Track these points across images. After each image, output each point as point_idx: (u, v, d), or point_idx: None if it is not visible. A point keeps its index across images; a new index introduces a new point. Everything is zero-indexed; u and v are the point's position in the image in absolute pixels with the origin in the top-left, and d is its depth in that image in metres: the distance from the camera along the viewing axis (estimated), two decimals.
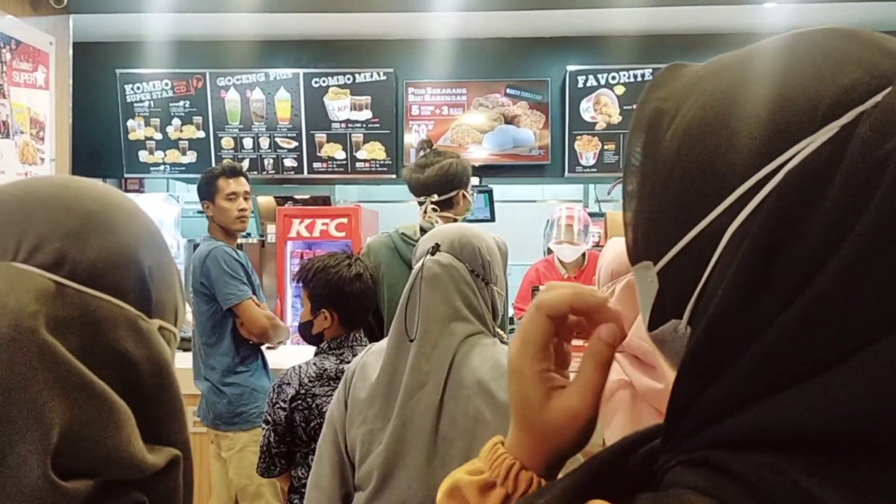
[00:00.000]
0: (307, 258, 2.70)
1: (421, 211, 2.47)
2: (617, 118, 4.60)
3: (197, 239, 3.36)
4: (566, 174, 4.69)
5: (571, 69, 4.61)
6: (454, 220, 2.44)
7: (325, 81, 4.67)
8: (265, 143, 4.74)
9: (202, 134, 4.77)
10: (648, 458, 0.47)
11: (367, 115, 4.67)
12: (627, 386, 1.83)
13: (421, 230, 2.39)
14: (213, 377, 2.81)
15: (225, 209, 2.90)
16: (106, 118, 4.80)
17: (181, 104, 4.76)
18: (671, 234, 0.45)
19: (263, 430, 2.06)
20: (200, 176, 3.02)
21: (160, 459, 0.57)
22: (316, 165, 4.74)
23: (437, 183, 2.43)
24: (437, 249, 1.50)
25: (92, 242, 0.58)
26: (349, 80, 4.66)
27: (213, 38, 4.74)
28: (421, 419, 1.43)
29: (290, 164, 4.75)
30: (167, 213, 5.26)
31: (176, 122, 4.77)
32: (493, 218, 3.93)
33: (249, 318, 2.78)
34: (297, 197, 4.83)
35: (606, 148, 4.64)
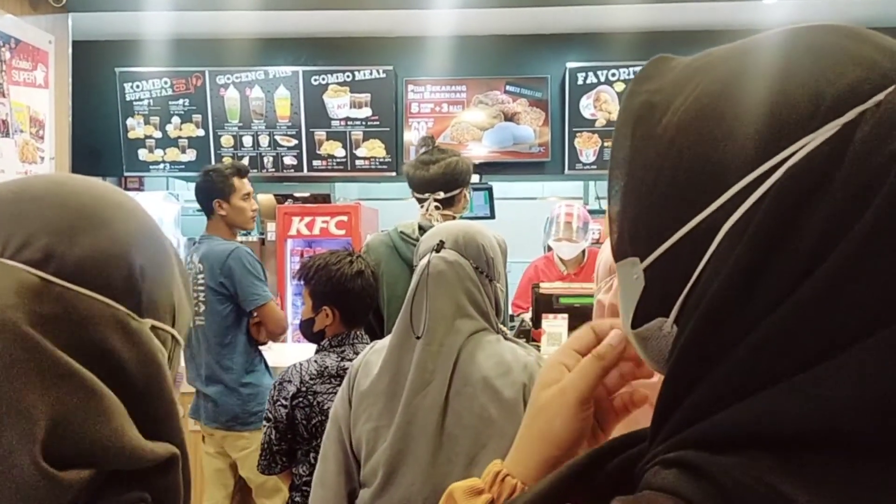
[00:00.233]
0: (308, 256, 2.71)
1: (423, 208, 2.46)
2: (617, 115, 4.59)
3: (195, 237, 3.31)
4: (566, 171, 4.68)
5: (571, 66, 4.60)
6: (453, 217, 2.43)
7: (324, 79, 4.66)
8: (265, 141, 4.73)
9: (202, 132, 4.76)
10: (629, 462, 0.47)
11: (366, 112, 4.67)
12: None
13: (420, 228, 2.39)
14: (228, 378, 2.79)
15: (242, 209, 2.91)
16: (105, 117, 4.79)
17: (181, 102, 4.75)
18: (660, 230, 0.43)
19: (264, 427, 2.06)
20: (207, 174, 2.95)
21: (160, 450, 0.57)
22: (316, 163, 4.73)
23: (442, 180, 2.42)
24: (442, 246, 1.50)
25: (81, 239, 0.57)
26: (349, 77, 4.66)
27: (212, 36, 4.73)
28: (426, 417, 1.43)
29: (289, 161, 4.74)
30: (167, 211, 5.25)
31: (175, 120, 4.76)
32: (492, 215, 3.92)
33: (274, 318, 2.80)
34: (296, 195, 4.83)
35: (606, 145, 4.62)
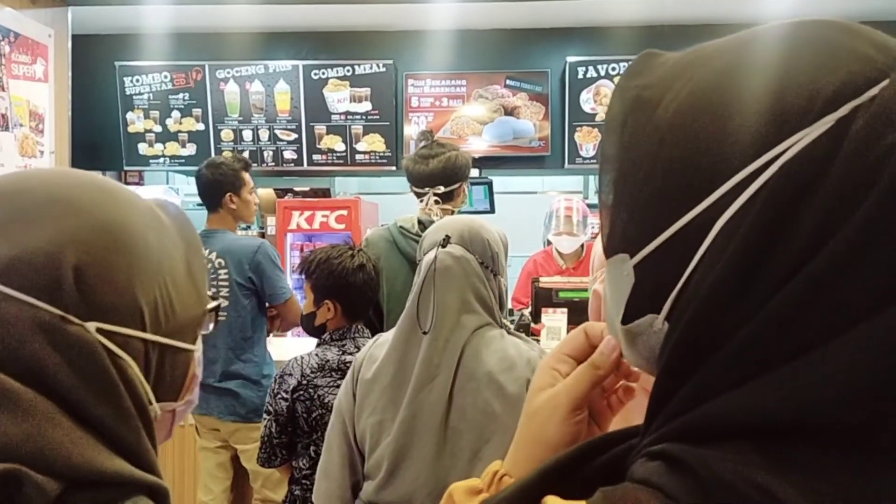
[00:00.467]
0: (308, 250, 2.71)
1: (423, 203, 2.46)
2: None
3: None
4: (566, 165, 4.68)
5: (571, 60, 4.60)
6: (452, 212, 2.44)
7: (324, 73, 4.66)
8: (265, 135, 4.73)
9: (202, 126, 4.76)
10: (622, 455, 0.46)
11: (366, 106, 4.66)
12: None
13: (419, 223, 2.39)
14: (249, 371, 2.78)
15: (249, 202, 2.92)
16: (105, 111, 4.78)
17: (180, 96, 4.74)
18: (652, 226, 0.43)
19: (264, 420, 2.07)
20: (218, 167, 2.87)
21: (130, 471, 0.55)
22: (315, 157, 4.73)
23: (442, 175, 2.42)
24: (448, 241, 1.50)
25: (13, 237, 0.55)
26: (349, 71, 4.65)
27: (212, 30, 4.73)
28: (431, 411, 1.43)
29: (289, 156, 4.74)
30: None
31: (175, 114, 4.76)
32: (492, 209, 3.92)
33: (296, 311, 2.82)
34: (296, 189, 4.83)
35: None
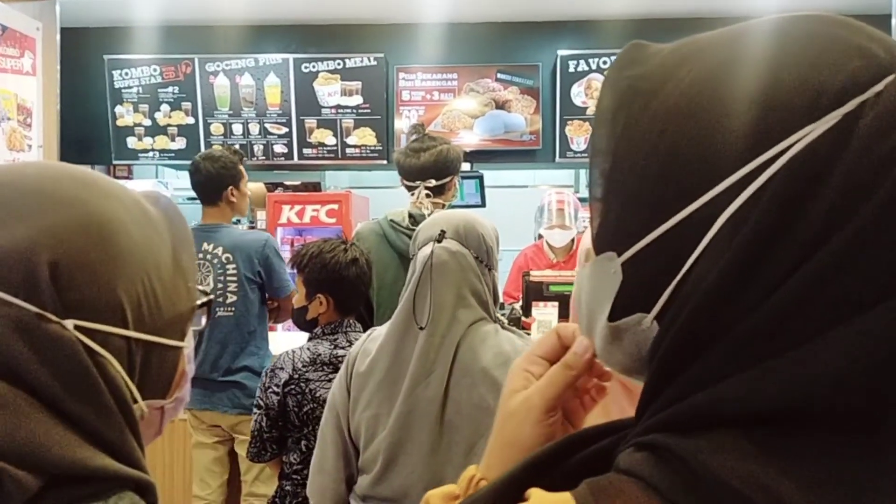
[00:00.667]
0: (299, 244, 2.70)
1: (414, 196, 2.45)
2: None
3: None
4: (557, 159, 4.68)
5: (562, 54, 4.60)
6: (443, 205, 2.43)
7: (314, 67, 4.64)
8: (255, 128, 4.71)
9: (191, 120, 4.73)
10: (609, 447, 0.46)
11: (357, 100, 4.65)
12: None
13: (409, 216, 2.39)
14: (254, 362, 2.78)
15: (246, 195, 2.89)
16: (94, 104, 4.75)
17: (170, 90, 4.72)
18: (645, 221, 0.42)
19: (255, 414, 2.06)
20: (219, 160, 2.79)
21: (114, 466, 0.55)
22: (306, 151, 4.72)
23: (433, 168, 2.41)
24: (443, 236, 1.50)
25: None
26: (339, 65, 4.63)
27: (201, 23, 4.70)
28: (427, 407, 1.43)
29: (280, 149, 4.73)
30: None
31: (165, 108, 4.73)
32: (483, 203, 3.92)
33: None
34: (287, 183, 4.80)
35: None
